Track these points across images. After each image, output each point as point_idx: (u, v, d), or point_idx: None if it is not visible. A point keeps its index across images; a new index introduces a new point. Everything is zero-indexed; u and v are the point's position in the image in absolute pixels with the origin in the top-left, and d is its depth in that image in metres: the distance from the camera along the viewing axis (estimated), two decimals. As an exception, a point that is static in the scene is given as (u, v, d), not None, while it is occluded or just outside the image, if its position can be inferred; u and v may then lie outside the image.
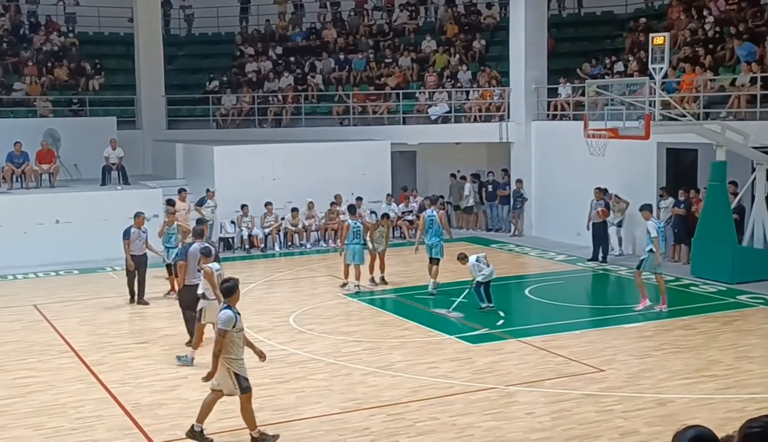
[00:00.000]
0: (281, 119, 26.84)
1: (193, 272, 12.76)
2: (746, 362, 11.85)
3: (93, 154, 23.29)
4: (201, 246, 12.85)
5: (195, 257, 12.73)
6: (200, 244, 12.96)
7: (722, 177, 17.23)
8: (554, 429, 9.46)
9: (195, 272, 12.67)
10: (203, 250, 12.68)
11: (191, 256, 12.82)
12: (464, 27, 28.25)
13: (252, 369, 11.83)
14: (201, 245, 12.89)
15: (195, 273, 12.68)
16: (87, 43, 29.52)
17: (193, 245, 13.02)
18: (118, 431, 9.69)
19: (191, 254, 12.83)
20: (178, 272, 13.12)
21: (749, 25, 20.60)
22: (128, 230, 16.03)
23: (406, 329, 14.10)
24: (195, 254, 12.76)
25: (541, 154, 23.04)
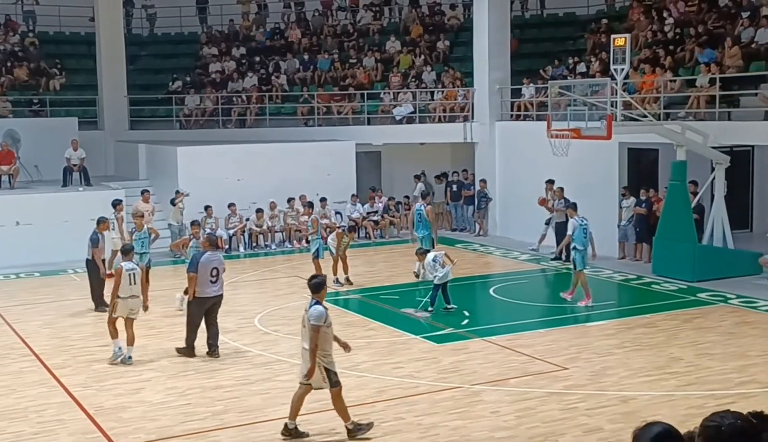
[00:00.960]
0: (245, 120, 26.73)
1: (205, 282, 12.17)
2: (706, 358, 12.03)
3: (54, 155, 23.01)
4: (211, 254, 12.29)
5: (207, 267, 12.14)
6: (212, 253, 12.34)
7: (682, 177, 17.47)
8: (519, 427, 9.53)
9: (208, 283, 12.16)
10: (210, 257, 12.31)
11: (203, 267, 12.14)
12: (428, 28, 28.34)
13: (217, 371, 11.84)
14: (212, 254, 12.32)
15: (208, 284, 12.17)
16: (47, 43, 29.15)
17: (205, 255, 12.29)
18: (81, 435, 9.59)
19: (203, 265, 12.14)
20: (188, 284, 12.32)
21: (708, 27, 20.92)
22: (96, 236, 15.54)
23: (372, 330, 14.11)
24: (207, 265, 12.16)
25: (505, 154, 23.19)
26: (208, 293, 12.22)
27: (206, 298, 12.23)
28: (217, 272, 12.24)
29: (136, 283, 12.34)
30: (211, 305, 12.39)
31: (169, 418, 10.02)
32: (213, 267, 12.19)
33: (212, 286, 12.18)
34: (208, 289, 12.19)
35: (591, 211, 19.81)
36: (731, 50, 19.01)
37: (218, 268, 12.27)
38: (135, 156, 24.52)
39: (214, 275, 12.19)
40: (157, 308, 16.00)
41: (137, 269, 12.60)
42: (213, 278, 12.17)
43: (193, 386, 11.20)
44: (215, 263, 12.28)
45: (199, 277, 12.11)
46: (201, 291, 12.19)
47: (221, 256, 12.47)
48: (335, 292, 16.98)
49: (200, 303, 12.26)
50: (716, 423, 3.44)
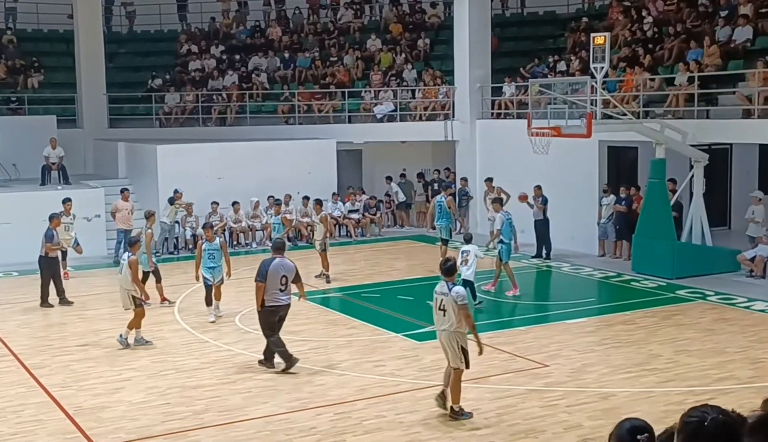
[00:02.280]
0: (225, 118, 26.62)
1: (274, 291, 11.46)
2: (685, 355, 12.11)
3: (32, 154, 22.82)
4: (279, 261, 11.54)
5: (276, 275, 11.45)
6: (281, 260, 11.58)
7: (662, 174, 17.58)
8: (500, 425, 9.56)
9: (278, 292, 11.47)
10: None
11: (272, 275, 11.42)
12: (409, 26, 28.36)
13: (197, 370, 11.80)
14: (280, 261, 11.56)
15: (278, 293, 11.48)
16: (25, 40, 28.90)
17: (274, 263, 11.50)
18: (60, 435, 9.52)
19: (272, 273, 11.42)
20: (257, 294, 11.53)
21: (686, 26, 21.05)
22: (50, 232, 15.94)
23: (353, 328, 14.11)
24: (276, 273, 11.45)
25: (486, 152, 23.25)
26: (277, 302, 11.47)
27: (277, 307, 11.49)
28: (286, 279, 11.51)
29: (121, 273, 12.99)
30: (280, 314, 11.64)
31: (149, 417, 9.97)
32: (282, 275, 11.46)
33: (281, 294, 11.47)
34: (278, 297, 11.45)
35: (571, 209, 20.01)
36: (709, 49, 19.15)
37: (287, 276, 11.54)
38: (114, 154, 24.36)
39: (284, 283, 11.48)
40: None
41: (125, 261, 12.91)
42: (282, 286, 11.46)
43: (173, 386, 11.15)
44: (284, 271, 11.52)
45: (268, 285, 11.39)
46: (271, 300, 11.45)
47: (290, 262, 11.68)
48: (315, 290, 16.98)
49: (271, 312, 11.53)
50: (697, 418, 3.38)
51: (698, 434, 3.35)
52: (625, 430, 3.70)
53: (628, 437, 3.67)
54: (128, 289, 12.93)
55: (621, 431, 3.72)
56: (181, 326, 14.31)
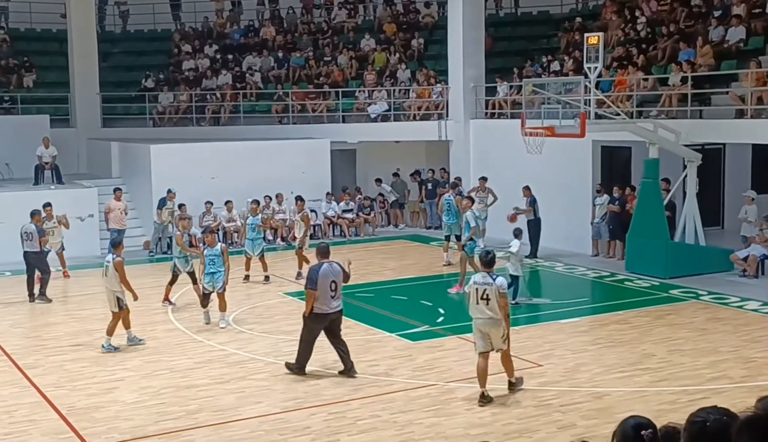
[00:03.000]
0: (219, 117, 26.60)
1: (325, 297, 11.04)
2: (678, 355, 12.14)
3: (25, 153, 22.78)
4: (328, 265, 11.21)
5: (326, 281, 11.04)
6: (329, 265, 11.21)
7: (655, 174, 17.61)
8: (494, 424, 9.57)
9: (328, 298, 11.05)
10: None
11: (322, 280, 11.03)
12: (403, 26, 28.37)
13: (191, 370, 11.79)
14: (329, 265, 11.22)
15: (328, 299, 11.05)
16: (18, 40, 28.83)
17: (323, 268, 11.14)
18: (53, 435, 9.50)
19: (322, 278, 11.03)
20: (307, 301, 11.17)
21: (680, 26, 21.10)
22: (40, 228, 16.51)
23: (347, 327, 13.98)
24: (326, 278, 11.05)
25: (480, 152, 23.26)
26: (327, 309, 11.10)
27: (326, 314, 11.12)
28: (335, 285, 11.12)
29: (105, 276, 12.85)
30: (330, 322, 11.24)
31: (142, 418, 9.96)
32: (332, 281, 11.08)
33: (332, 301, 11.10)
34: (328, 304, 11.09)
35: (565, 209, 20.03)
36: (703, 49, 19.19)
37: (336, 281, 11.16)
38: (108, 154, 24.31)
39: (333, 289, 11.08)
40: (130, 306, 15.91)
41: (110, 263, 12.81)
42: (332, 292, 11.06)
43: (167, 386, 11.14)
44: (333, 276, 11.15)
45: (319, 291, 11.00)
46: (320, 307, 11.05)
47: (337, 266, 11.36)
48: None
49: (319, 320, 11.13)
50: (702, 419, 3.46)
51: (701, 434, 3.43)
52: (629, 426, 3.77)
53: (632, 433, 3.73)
54: (114, 291, 12.80)
55: (625, 428, 3.78)
56: (175, 326, 14.30)
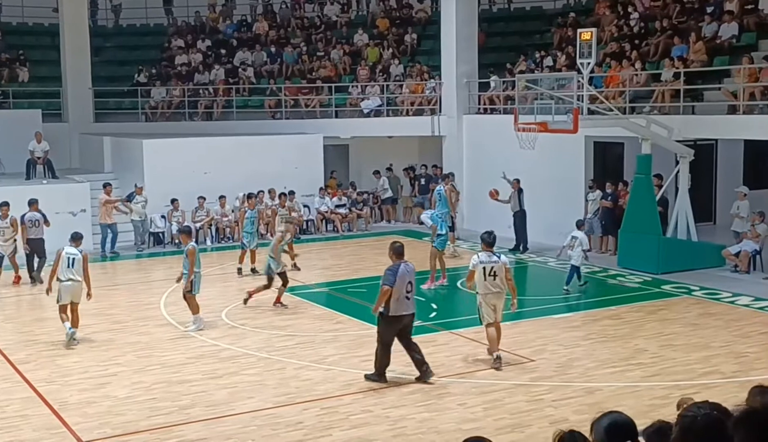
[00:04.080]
0: (212, 112, 26.54)
1: (400, 299, 10.53)
2: (670, 350, 12.17)
3: (17, 148, 22.70)
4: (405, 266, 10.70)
5: (404, 281, 10.52)
6: (406, 265, 10.70)
7: (647, 170, 17.64)
8: (486, 419, 9.58)
9: (403, 300, 10.56)
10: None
11: (400, 280, 10.51)
12: (396, 21, 28.34)
13: (183, 365, 11.77)
14: (406, 265, 10.72)
15: (404, 301, 10.57)
16: (10, 34, 28.72)
17: (401, 267, 10.63)
18: (45, 430, 9.48)
19: (400, 278, 10.51)
20: (380, 298, 10.57)
21: (673, 22, 21.13)
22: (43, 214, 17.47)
23: (339, 323, 14.11)
24: (404, 278, 10.52)
25: (473, 147, 23.27)
26: (403, 310, 10.62)
27: (401, 316, 10.62)
28: (411, 286, 10.67)
29: (73, 266, 12.74)
30: (404, 323, 10.78)
31: (134, 413, 9.95)
32: (408, 281, 10.59)
33: (407, 302, 10.62)
34: (404, 305, 10.60)
35: (557, 204, 20.05)
36: (695, 45, 19.23)
37: (412, 281, 10.70)
38: (100, 149, 24.25)
39: (409, 290, 10.63)
40: (123, 301, 15.92)
41: (78, 255, 12.85)
42: (408, 294, 10.61)
43: (159, 381, 11.12)
44: (410, 276, 10.67)
45: (396, 293, 10.51)
46: (395, 309, 10.54)
47: (412, 266, 10.87)
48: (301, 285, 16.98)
49: (395, 322, 10.63)
50: (692, 414, 3.52)
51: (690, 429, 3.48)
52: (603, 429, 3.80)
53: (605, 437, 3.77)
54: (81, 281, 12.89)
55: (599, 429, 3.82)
56: (167, 321, 14.27)
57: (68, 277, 12.74)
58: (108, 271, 19.45)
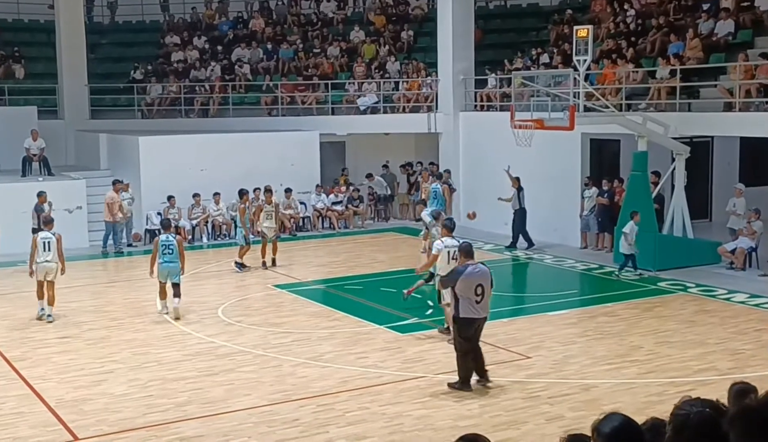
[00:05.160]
0: (208, 109, 26.50)
1: (469, 302, 10.22)
2: (666, 346, 12.19)
3: (13, 145, 22.66)
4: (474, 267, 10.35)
5: (471, 283, 10.18)
6: (475, 266, 10.38)
7: (644, 167, 17.66)
8: (482, 416, 9.59)
9: (473, 303, 10.22)
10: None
11: (465, 282, 10.19)
12: (392, 18, 28.32)
13: (179, 363, 11.77)
14: (475, 267, 10.36)
15: (473, 304, 10.23)
16: (5, 31, 28.64)
17: (468, 269, 10.30)
18: (41, 427, 9.47)
19: (466, 280, 10.18)
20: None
21: (670, 19, 21.14)
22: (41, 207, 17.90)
23: (336, 320, 14.11)
24: (471, 280, 10.20)
25: (469, 144, 23.27)
26: (475, 313, 10.28)
27: (474, 319, 10.33)
28: (482, 289, 10.26)
29: (50, 250, 13.94)
30: (477, 328, 10.47)
31: (131, 410, 9.94)
32: (477, 284, 10.23)
33: (478, 305, 10.28)
34: (475, 308, 10.27)
35: (554, 202, 20.07)
36: (692, 42, 19.24)
37: (483, 284, 10.28)
38: (96, 146, 24.20)
39: (479, 293, 10.24)
40: (119, 298, 15.91)
41: (52, 238, 14.05)
42: (478, 297, 10.24)
43: (155, 378, 11.12)
44: (479, 278, 10.28)
45: (464, 295, 10.23)
46: (465, 311, 10.26)
47: (485, 268, 10.51)
48: (297, 282, 16.98)
49: (468, 325, 10.34)
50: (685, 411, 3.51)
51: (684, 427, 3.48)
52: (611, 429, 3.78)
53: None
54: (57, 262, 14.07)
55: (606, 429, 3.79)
56: (163, 318, 14.26)
57: (44, 258, 13.95)
58: (104, 268, 19.45)
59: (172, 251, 14.28)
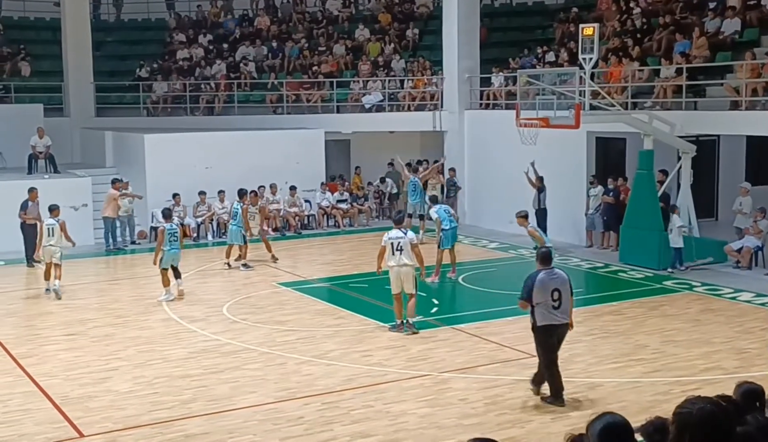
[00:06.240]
0: (213, 107, 26.51)
1: (548, 308, 9.83)
2: (672, 345, 12.17)
3: (19, 143, 22.69)
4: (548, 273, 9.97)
5: (546, 289, 9.80)
6: (549, 272, 9.97)
7: (649, 166, 17.62)
8: (487, 414, 9.58)
9: (550, 309, 9.83)
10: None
11: (540, 289, 9.82)
12: (397, 16, 28.31)
13: (184, 360, 11.79)
14: (549, 273, 9.98)
15: (550, 309, 9.83)
16: (12, 28, 28.70)
17: (540, 275, 9.92)
18: (47, 424, 9.49)
19: (539, 287, 9.82)
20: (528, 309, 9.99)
21: (676, 17, 21.08)
22: (25, 203, 18.47)
23: (341, 318, 14.11)
24: (546, 286, 9.81)
25: (474, 143, 23.25)
26: (554, 319, 9.89)
27: (554, 325, 9.92)
28: (559, 294, 9.90)
29: (53, 235, 15.51)
30: (558, 335, 10.05)
31: (136, 407, 9.95)
32: (553, 289, 9.87)
33: (556, 311, 9.88)
34: (554, 315, 9.87)
35: (559, 200, 20.03)
36: (698, 41, 19.18)
37: (560, 289, 9.90)
38: (101, 143, 24.23)
39: (556, 298, 9.89)
40: (125, 295, 15.93)
41: (56, 224, 15.55)
42: (555, 302, 9.87)
43: (160, 375, 11.13)
44: (555, 284, 9.92)
45: (541, 302, 9.87)
46: (542, 318, 9.90)
47: (563, 274, 10.16)
48: (302, 280, 16.98)
49: (549, 332, 9.93)
50: (687, 410, 3.54)
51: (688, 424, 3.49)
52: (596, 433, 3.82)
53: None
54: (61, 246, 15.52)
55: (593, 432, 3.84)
56: (169, 316, 14.28)
57: (49, 243, 15.51)
58: (109, 265, 19.47)
59: (176, 239, 15.57)
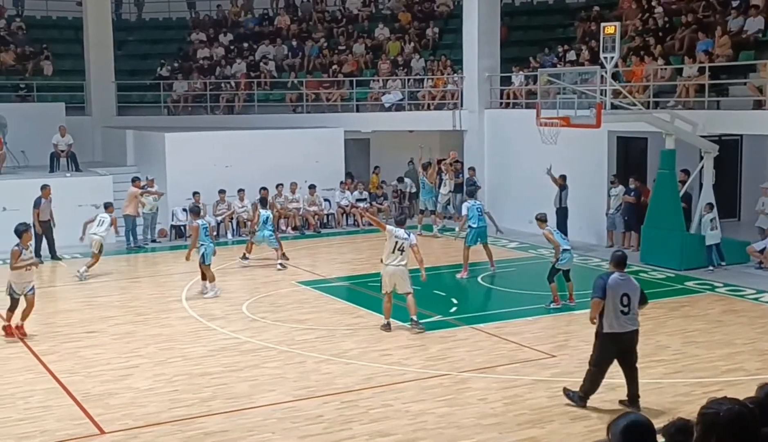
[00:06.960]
0: (234, 106, 26.60)
1: (614, 314, 9.41)
2: (693, 346, 12.08)
3: (41, 141, 22.87)
4: (620, 276, 9.59)
5: (616, 293, 9.41)
6: (620, 275, 9.59)
7: (671, 165, 17.50)
8: (506, 414, 9.55)
9: (618, 315, 9.41)
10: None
11: (611, 292, 9.42)
12: (417, 15, 28.27)
13: (204, 358, 11.83)
14: (621, 276, 9.60)
15: (618, 316, 9.42)
16: (34, 27, 28.92)
17: (612, 277, 9.54)
18: (68, 420, 9.55)
19: (611, 289, 9.43)
20: (592, 311, 9.61)
21: (698, 16, 20.91)
22: (38, 200, 18.75)
23: (360, 317, 14.11)
24: (616, 290, 9.42)
25: (494, 142, 23.18)
26: (618, 328, 9.47)
27: (616, 334, 9.47)
28: (629, 299, 9.47)
29: (101, 226, 17.16)
30: (625, 344, 9.63)
31: (156, 405, 10.00)
32: (623, 294, 9.45)
33: (623, 317, 9.45)
34: (618, 322, 9.46)
35: (579, 200, 19.93)
36: (721, 39, 19.01)
37: (630, 295, 9.49)
38: (123, 142, 24.38)
39: (625, 304, 9.46)
40: (145, 293, 16.02)
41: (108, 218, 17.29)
42: (624, 308, 9.46)
43: (180, 373, 11.17)
44: (625, 288, 9.51)
45: (608, 306, 9.45)
46: (608, 325, 9.45)
47: (635, 281, 9.79)
48: (320, 279, 16.99)
49: (611, 341, 9.51)
50: (714, 410, 3.49)
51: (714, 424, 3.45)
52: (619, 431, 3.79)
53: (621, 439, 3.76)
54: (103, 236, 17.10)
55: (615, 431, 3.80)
56: (189, 314, 14.34)
57: (94, 231, 17.06)
58: (130, 263, 19.57)
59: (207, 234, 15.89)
